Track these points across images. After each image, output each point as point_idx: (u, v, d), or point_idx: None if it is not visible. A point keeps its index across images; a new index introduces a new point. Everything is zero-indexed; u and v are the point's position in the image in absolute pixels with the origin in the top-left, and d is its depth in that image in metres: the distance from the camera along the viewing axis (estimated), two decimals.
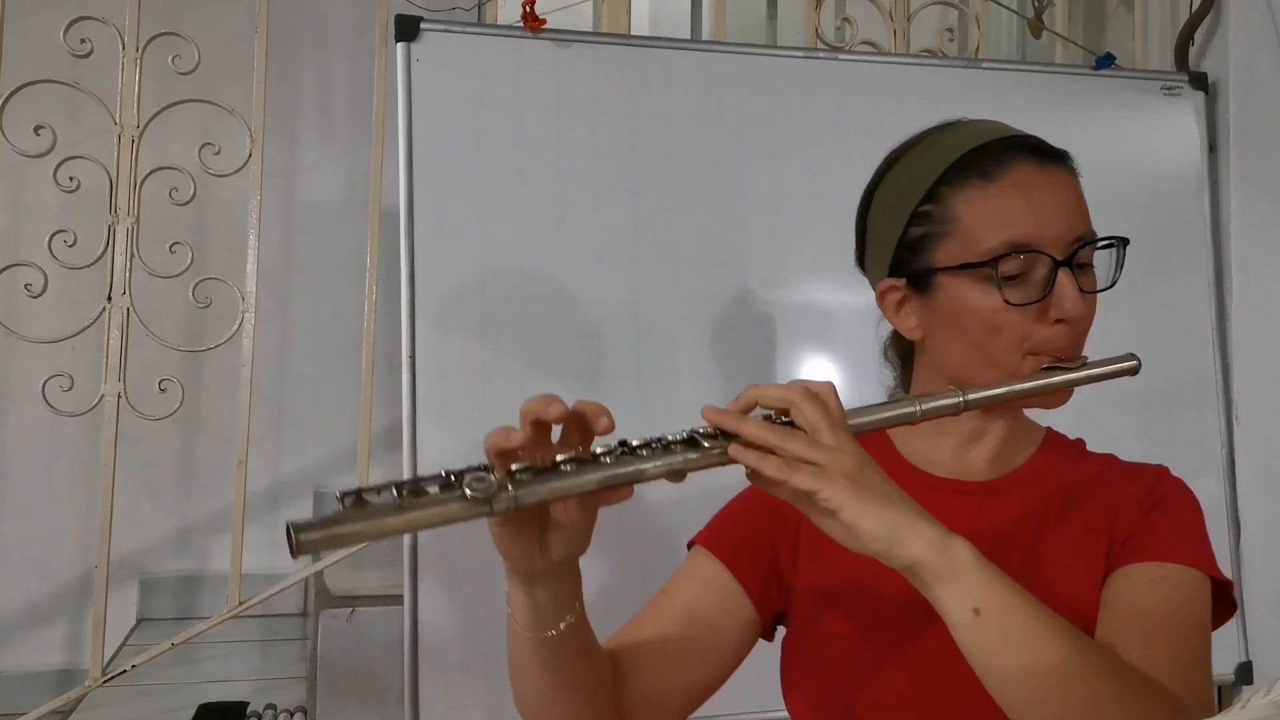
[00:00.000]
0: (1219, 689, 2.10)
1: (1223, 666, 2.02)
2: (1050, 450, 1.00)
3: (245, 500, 1.95)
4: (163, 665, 2.02)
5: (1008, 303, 0.88)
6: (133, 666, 1.90)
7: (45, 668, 2.68)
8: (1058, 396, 0.92)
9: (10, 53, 1.86)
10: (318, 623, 1.93)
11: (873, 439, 1.01)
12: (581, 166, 1.82)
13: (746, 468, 0.76)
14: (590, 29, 2.24)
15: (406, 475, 1.70)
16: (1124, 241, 0.93)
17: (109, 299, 1.88)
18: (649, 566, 1.02)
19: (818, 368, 1.86)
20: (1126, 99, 2.09)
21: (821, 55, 1.99)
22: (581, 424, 0.76)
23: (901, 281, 0.95)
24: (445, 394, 1.72)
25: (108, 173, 1.88)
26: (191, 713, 2.07)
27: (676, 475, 0.75)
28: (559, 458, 0.73)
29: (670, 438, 0.75)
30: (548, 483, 0.72)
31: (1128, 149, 2.08)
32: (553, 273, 1.79)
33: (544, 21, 1.80)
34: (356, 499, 0.68)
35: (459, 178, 1.76)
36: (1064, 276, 0.88)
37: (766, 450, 0.75)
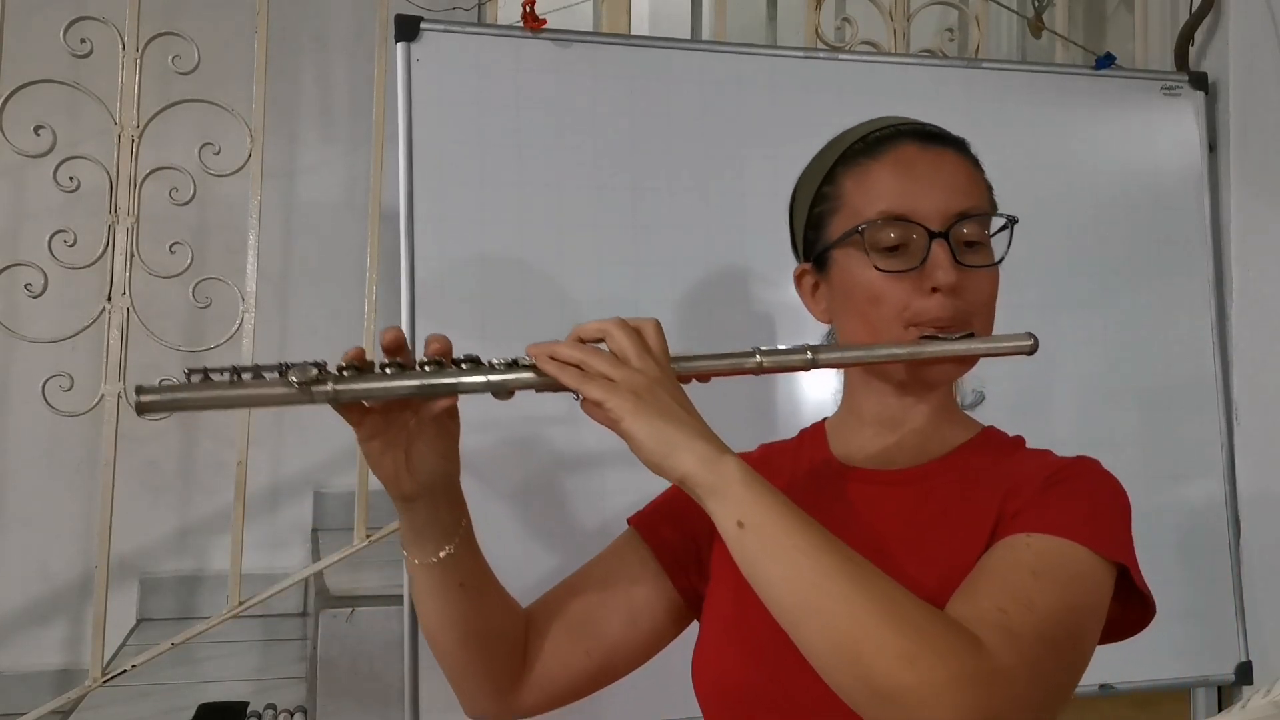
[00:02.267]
0: (1219, 689, 2.10)
1: (1223, 666, 2.02)
2: (980, 444, 0.98)
3: (245, 500, 1.95)
4: (163, 665, 2.02)
5: (878, 269, 0.90)
6: (133, 666, 1.90)
7: (45, 668, 2.68)
8: (942, 370, 0.92)
9: (10, 53, 1.85)
10: (318, 623, 1.93)
11: (809, 438, 1.04)
12: (581, 166, 1.81)
13: (576, 397, 0.81)
14: (590, 29, 2.24)
15: None
16: (1012, 220, 0.95)
17: (109, 299, 1.88)
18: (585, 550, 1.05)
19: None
20: (1126, 99, 2.09)
21: (821, 55, 1.99)
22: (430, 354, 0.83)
23: (810, 265, 0.99)
24: None
25: (108, 173, 1.88)
26: (191, 713, 2.07)
27: (499, 391, 0.82)
28: (383, 361, 0.82)
29: (493, 360, 0.82)
30: (365, 382, 0.81)
31: (1128, 149, 2.07)
32: (553, 273, 1.79)
33: (544, 21, 1.80)
34: (203, 376, 0.79)
35: (459, 178, 1.76)
36: (938, 247, 0.90)
37: (573, 366, 0.81)
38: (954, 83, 2.00)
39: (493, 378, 0.81)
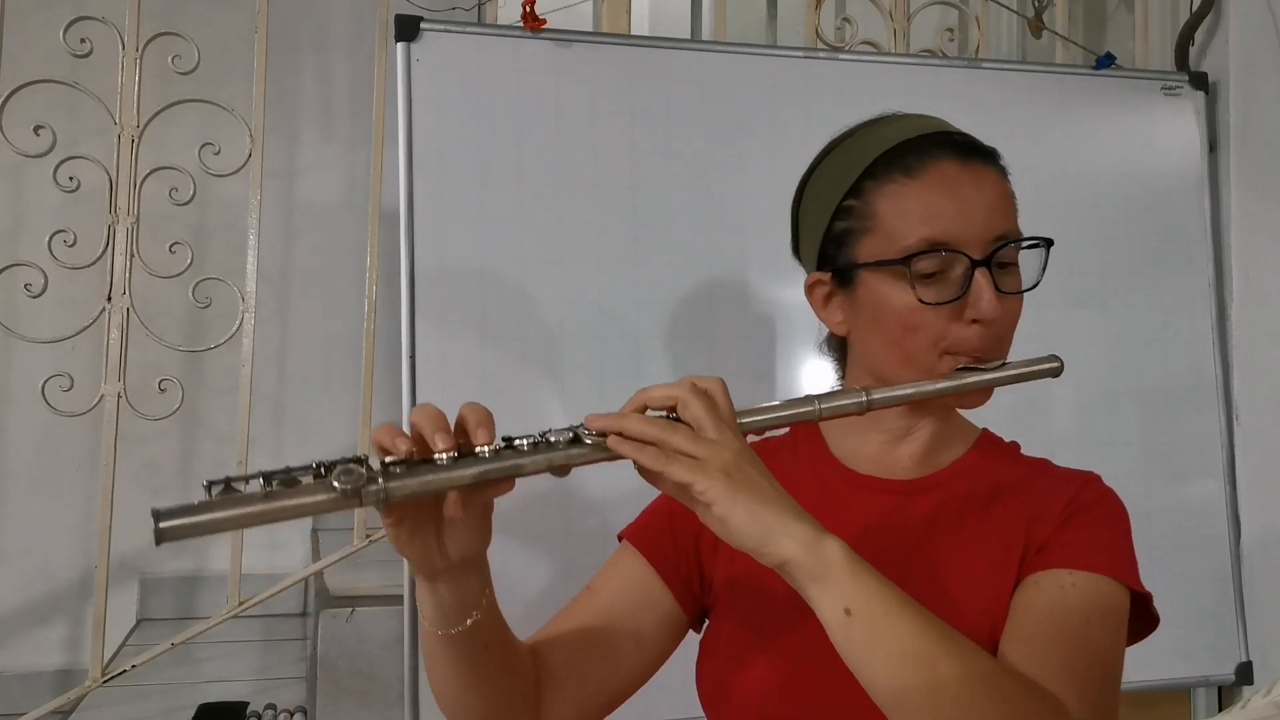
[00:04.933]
0: (1219, 689, 2.10)
1: (1223, 667, 2.02)
2: (981, 452, 0.99)
3: None
4: (163, 665, 2.02)
5: (922, 301, 0.88)
6: (133, 666, 1.90)
7: (45, 668, 2.68)
8: (975, 396, 0.91)
9: (10, 53, 1.86)
10: (318, 623, 1.93)
11: (805, 435, 1.04)
12: (581, 166, 1.82)
13: (634, 464, 0.77)
14: (590, 29, 2.24)
15: None
16: (1048, 242, 0.92)
17: (109, 299, 1.88)
18: (593, 565, 1.03)
19: (817, 367, 1.86)
20: (1126, 99, 2.09)
21: (821, 55, 1.99)
22: (466, 430, 0.75)
23: (827, 276, 0.96)
24: (445, 394, 1.72)
25: (108, 173, 1.88)
26: (191, 713, 2.07)
27: (559, 470, 0.76)
28: (436, 454, 0.73)
29: (552, 437, 0.75)
30: (420, 476, 0.71)
31: (1128, 149, 2.07)
32: (552, 273, 1.79)
33: (544, 21, 1.80)
34: (225, 488, 0.68)
35: (459, 178, 1.76)
36: (981, 277, 0.88)
37: (648, 444, 0.76)
38: (954, 83, 2.00)
39: (554, 458, 0.75)
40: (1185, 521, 2.03)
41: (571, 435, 0.76)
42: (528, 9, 1.79)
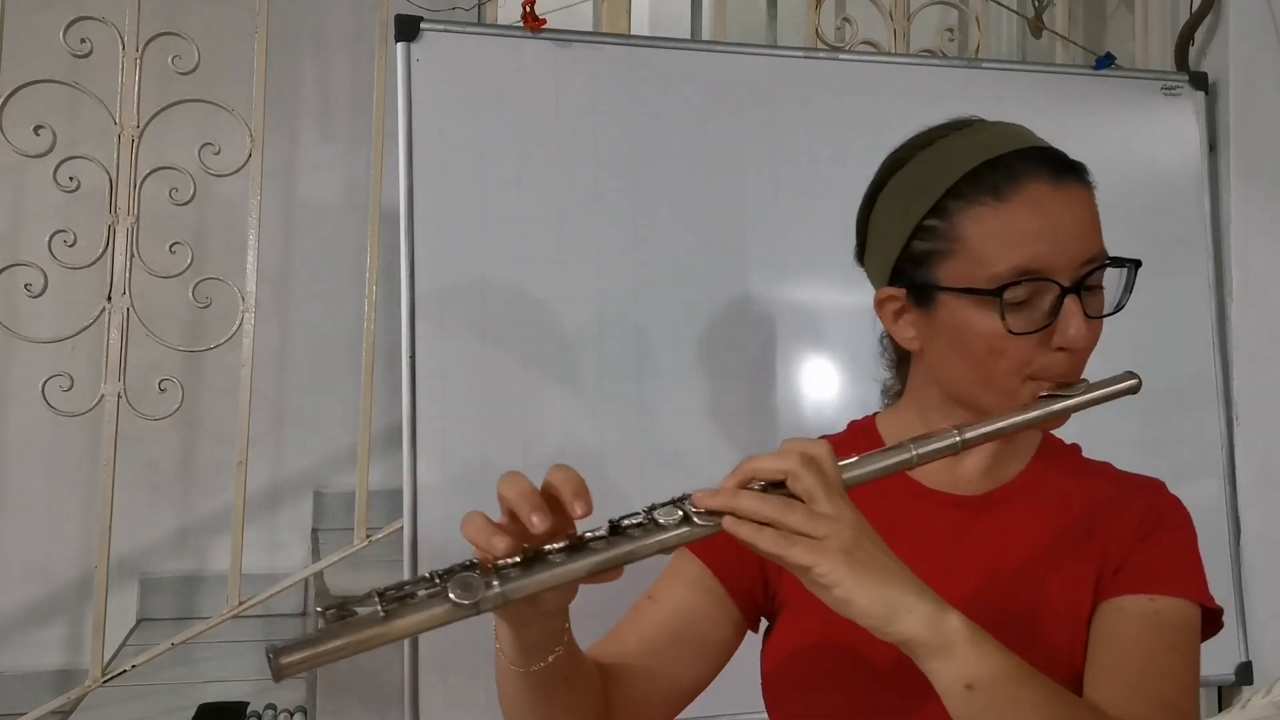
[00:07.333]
0: (1219, 689, 2.10)
1: (1223, 667, 2.02)
2: (1045, 459, 0.98)
3: (245, 500, 1.95)
4: (163, 665, 2.02)
5: (1011, 331, 0.84)
6: (133, 666, 1.90)
7: (45, 668, 2.68)
8: (1055, 420, 0.89)
9: (10, 53, 1.86)
10: (318, 623, 1.93)
11: (864, 441, 1.00)
12: (581, 166, 1.81)
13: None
14: (590, 29, 2.24)
15: (406, 476, 1.70)
16: (1136, 264, 0.89)
17: (109, 299, 1.88)
18: (646, 566, 1.02)
19: (817, 368, 1.86)
20: (1126, 99, 2.09)
21: (821, 55, 1.99)
22: (555, 499, 0.74)
23: (901, 292, 0.92)
24: (445, 394, 1.72)
25: (108, 173, 1.88)
26: (191, 713, 2.07)
27: (670, 551, 0.75)
28: (547, 547, 0.72)
29: (661, 518, 0.74)
30: (535, 575, 0.72)
31: (1128, 149, 2.07)
32: (553, 273, 1.79)
33: (544, 21, 1.80)
34: (339, 612, 0.68)
35: (459, 178, 1.76)
36: (1071, 305, 0.85)
37: (763, 524, 0.74)
38: (954, 83, 2.00)
39: (667, 541, 0.74)
40: None
41: (681, 515, 0.74)
42: (528, 9, 1.80)
